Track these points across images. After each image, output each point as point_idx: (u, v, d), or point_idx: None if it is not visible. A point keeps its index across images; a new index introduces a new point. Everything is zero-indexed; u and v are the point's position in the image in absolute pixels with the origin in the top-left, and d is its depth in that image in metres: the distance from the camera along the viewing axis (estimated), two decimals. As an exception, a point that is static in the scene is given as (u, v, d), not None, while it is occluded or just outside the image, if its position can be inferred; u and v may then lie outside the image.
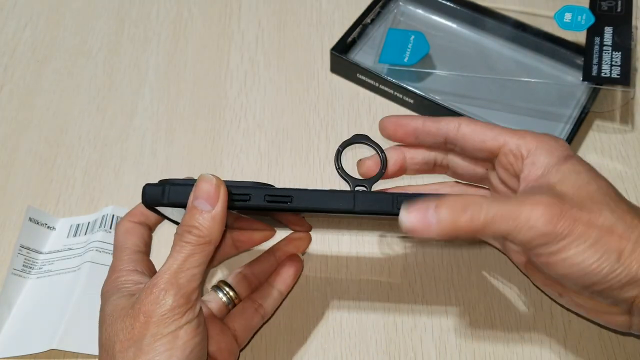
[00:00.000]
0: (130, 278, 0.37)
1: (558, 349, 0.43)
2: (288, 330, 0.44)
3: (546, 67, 0.56)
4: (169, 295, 0.32)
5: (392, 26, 0.57)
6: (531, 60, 0.57)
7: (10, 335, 0.43)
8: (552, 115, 0.53)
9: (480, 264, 0.46)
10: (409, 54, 0.54)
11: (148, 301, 0.33)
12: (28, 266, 0.46)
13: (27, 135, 0.54)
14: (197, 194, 0.33)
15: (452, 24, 0.59)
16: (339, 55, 0.55)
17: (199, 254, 0.33)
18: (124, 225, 0.41)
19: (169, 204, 0.34)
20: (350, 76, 0.56)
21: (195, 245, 0.33)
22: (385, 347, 0.43)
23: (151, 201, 0.34)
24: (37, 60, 0.59)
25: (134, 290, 0.35)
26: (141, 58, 0.59)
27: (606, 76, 0.50)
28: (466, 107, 0.52)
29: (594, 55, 0.51)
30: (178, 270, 0.33)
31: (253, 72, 0.58)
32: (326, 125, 0.54)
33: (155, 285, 0.33)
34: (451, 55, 0.57)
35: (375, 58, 0.55)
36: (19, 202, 0.50)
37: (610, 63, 0.50)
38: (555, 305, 0.44)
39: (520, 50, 0.57)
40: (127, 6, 0.63)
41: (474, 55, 0.57)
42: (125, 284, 0.36)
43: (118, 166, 0.52)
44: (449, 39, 0.58)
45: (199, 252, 0.33)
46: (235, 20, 0.61)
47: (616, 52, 0.51)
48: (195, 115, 0.55)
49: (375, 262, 0.47)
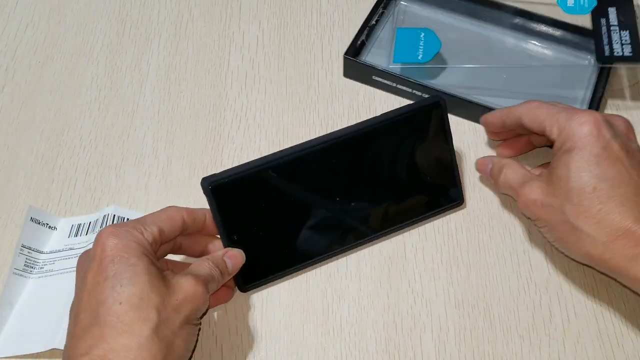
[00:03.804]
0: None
1: (557, 348, 0.43)
2: (288, 330, 0.44)
3: (555, 52, 0.57)
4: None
5: (395, 25, 0.58)
6: (539, 47, 0.58)
7: (12, 334, 0.43)
8: (566, 99, 0.54)
9: (481, 264, 0.47)
10: (422, 51, 0.54)
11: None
12: (29, 266, 0.46)
13: (29, 136, 0.54)
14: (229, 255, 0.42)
15: (456, 18, 0.59)
16: (354, 60, 0.55)
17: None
18: (179, 212, 0.42)
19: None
20: (365, 79, 0.56)
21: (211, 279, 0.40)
22: (385, 346, 0.43)
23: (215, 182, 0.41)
24: (39, 61, 0.59)
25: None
26: (142, 58, 0.59)
27: (619, 55, 0.51)
28: (485, 99, 0.53)
29: (603, 36, 0.52)
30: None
31: (253, 73, 0.58)
32: (326, 125, 0.54)
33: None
34: (459, 49, 0.57)
35: (389, 59, 0.55)
36: (20, 202, 0.50)
37: (621, 42, 0.51)
38: (554, 304, 0.44)
39: (527, 38, 0.58)
40: (128, 7, 0.63)
41: (482, 47, 0.57)
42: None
43: (119, 166, 0.52)
44: (455, 33, 0.58)
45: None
46: (235, 21, 0.62)
47: (624, 31, 0.52)
48: (195, 115, 0.55)
49: (376, 261, 0.47)
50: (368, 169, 0.45)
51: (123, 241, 0.37)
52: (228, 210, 0.42)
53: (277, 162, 0.42)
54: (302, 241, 0.45)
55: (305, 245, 0.45)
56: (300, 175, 0.44)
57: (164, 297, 0.36)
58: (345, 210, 0.45)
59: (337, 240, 0.46)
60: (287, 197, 0.44)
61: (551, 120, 0.43)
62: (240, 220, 0.43)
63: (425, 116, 0.45)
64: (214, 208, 0.42)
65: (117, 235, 0.37)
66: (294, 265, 0.45)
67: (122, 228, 0.38)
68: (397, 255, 0.47)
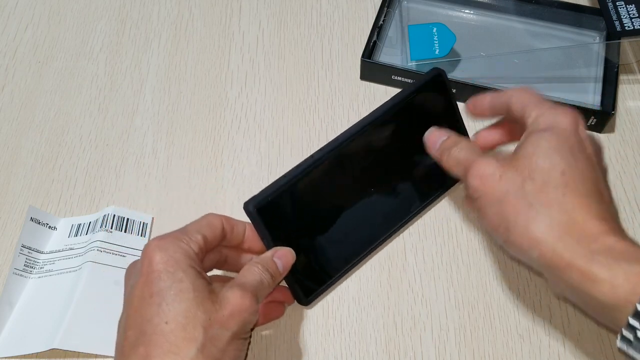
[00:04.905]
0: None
1: (557, 348, 0.43)
2: (288, 330, 0.44)
3: (562, 32, 0.58)
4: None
5: (404, 23, 0.58)
6: (545, 28, 0.58)
7: (12, 334, 0.43)
8: (579, 78, 0.55)
9: (480, 264, 0.47)
10: (438, 46, 0.54)
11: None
12: (29, 266, 0.46)
13: (29, 136, 0.54)
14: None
15: (459, 10, 0.60)
16: (371, 61, 0.55)
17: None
18: (218, 218, 0.40)
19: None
20: (383, 79, 0.56)
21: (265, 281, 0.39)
22: (385, 346, 0.43)
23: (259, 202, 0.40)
24: (39, 61, 0.59)
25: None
26: (142, 58, 0.59)
27: (630, 29, 0.52)
28: (505, 85, 0.53)
29: (611, 12, 0.53)
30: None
31: (253, 73, 0.58)
32: (326, 125, 0.54)
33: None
34: (468, 40, 0.57)
35: (402, 57, 0.55)
36: (21, 202, 0.50)
37: (629, 16, 0.52)
38: (554, 304, 0.44)
39: (532, 22, 0.59)
40: (128, 7, 0.63)
41: (489, 36, 0.58)
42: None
43: (119, 166, 0.52)
44: (460, 25, 0.59)
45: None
46: (235, 21, 0.62)
47: (630, 5, 0.53)
48: (195, 115, 0.55)
49: (376, 261, 0.47)
50: (393, 151, 0.45)
51: (169, 253, 0.36)
52: (275, 228, 0.41)
53: (312, 167, 0.42)
54: (348, 239, 0.45)
55: (352, 242, 0.45)
56: (334, 175, 0.43)
57: (211, 314, 0.35)
58: (382, 197, 0.45)
59: (381, 229, 0.46)
60: (326, 200, 0.44)
61: (535, 105, 0.41)
62: (288, 235, 0.42)
63: (431, 89, 0.45)
64: (263, 229, 0.40)
65: (163, 248, 0.36)
66: (348, 264, 0.45)
67: (167, 239, 0.37)
68: (397, 255, 0.47)
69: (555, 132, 0.39)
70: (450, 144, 0.43)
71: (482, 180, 0.39)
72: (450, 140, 0.43)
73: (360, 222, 0.45)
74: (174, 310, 0.34)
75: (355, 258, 0.45)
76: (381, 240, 0.46)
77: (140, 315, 0.35)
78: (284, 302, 0.44)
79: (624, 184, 0.50)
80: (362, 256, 0.46)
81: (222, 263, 0.42)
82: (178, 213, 0.49)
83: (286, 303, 0.44)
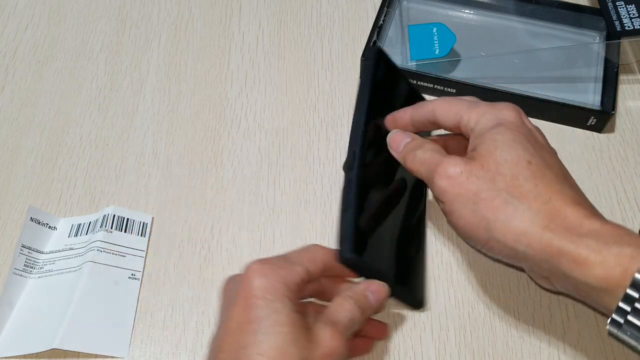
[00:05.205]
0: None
1: (557, 348, 0.43)
2: (288, 330, 0.44)
3: (561, 32, 0.58)
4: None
5: (404, 23, 0.58)
6: (545, 28, 0.58)
7: (12, 334, 0.43)
8: (579, 78, 0.55)
9: (480, 264, 0.47)
10: (438, 46, 0.54)
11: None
12: (29, 266, 0.46)
13: (29, 136, 0.54)
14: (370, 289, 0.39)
15: (459, 10, 0.60)
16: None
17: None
18: (323, 252, 0.40)
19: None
20: None
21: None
22: (385, 346, 0.43)
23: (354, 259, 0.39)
24: (39, 61, 0.59)
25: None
26: (142, 58, 0.59)
27: (630, 29, 0.52)
28: (507, 85, 0.53)
29: (611, 12, 0.53)
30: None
31: (253, 73, 0.58)
32: (326, 125, 0.54)
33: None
34: (467, 40, 0.57)
35: (402, 57, 0.55)
36: (21, 202, 0.50)
37: (629, 16, 0.53)
38: (554, 304, 0.44)
39: (532, 22, 0.59)
40: (128, 7, 0.63)
41: (489, 36, 0.58)
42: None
43: (119, 166, 0.52)
44: (460, 25, 0.58)
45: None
46: (235, 21, 0.62)
47: (630, 5, 0.53)
48: (195, 115, 0.55)
49: (375, 261, 0.47)
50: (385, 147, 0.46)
51: (270, 280, 0.35)
52: (371, 258, 0.41)
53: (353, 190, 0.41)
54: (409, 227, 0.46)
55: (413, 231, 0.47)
56: (376, 186, 0.44)
57: (303, 352, 0.34)
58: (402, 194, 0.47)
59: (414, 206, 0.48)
60: (387, 210, 0.45)
61: (469, 109, 0.40)
62: (382, 256, 0.42)
63: (382, 70, 0.46)
64: (366, 269, 0.40)
65: (265, 274, 0.36)
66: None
67: (269, 266, 0.36)
68: (397, 255, 0.47)
69: (505, 126, 0.38)
70: (415, 146, 0.42)
71: (450, 181, 0.38)
72: (414, 142, 0.42)
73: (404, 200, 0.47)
74: (268, 342, 0.34)
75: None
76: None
77: (236, 340, 0.34)
78: (374, 339, 0.43)
79: (624, 184, 0.50)
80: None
81: (319, 293, 0.41)
82: (178, 213, 0.49)
83: (376, 339, 0.43)
